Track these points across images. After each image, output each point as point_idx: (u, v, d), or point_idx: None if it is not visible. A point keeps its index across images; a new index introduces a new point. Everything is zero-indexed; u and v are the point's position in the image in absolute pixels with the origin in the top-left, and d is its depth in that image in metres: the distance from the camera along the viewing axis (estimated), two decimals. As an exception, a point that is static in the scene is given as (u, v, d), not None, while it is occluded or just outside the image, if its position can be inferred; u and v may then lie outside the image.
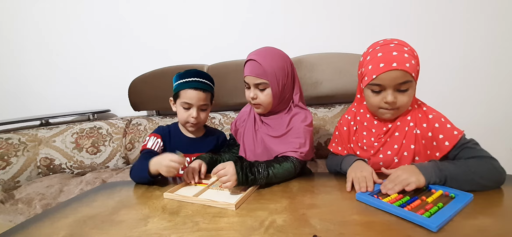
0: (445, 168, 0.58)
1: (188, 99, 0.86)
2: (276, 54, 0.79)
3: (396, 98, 0.65)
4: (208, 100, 0.90)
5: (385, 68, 0.62)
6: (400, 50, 0.63)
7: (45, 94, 1.78)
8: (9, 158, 1.29)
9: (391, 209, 0.51)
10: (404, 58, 0.62)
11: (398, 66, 0.61)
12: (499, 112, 1.46)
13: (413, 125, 0.69)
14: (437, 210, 0.48)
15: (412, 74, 0.62)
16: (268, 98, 0.78)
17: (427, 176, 0.58)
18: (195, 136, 0.95)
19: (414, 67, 0.63)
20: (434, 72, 1.45)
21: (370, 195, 0.58)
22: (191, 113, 0.87)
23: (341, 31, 1.52)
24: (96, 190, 0.81)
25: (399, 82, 0.63)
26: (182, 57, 1.64)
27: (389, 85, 0.65)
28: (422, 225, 0.45)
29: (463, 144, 0.63)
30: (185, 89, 0.86)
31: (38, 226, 0.58)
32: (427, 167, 0.59)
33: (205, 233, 0.50)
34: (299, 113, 0.81)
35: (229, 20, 1.60)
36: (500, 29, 1.41)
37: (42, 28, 1.72)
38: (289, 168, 0.73)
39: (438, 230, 0.44)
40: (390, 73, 0.62)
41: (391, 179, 0.60)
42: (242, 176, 0.65)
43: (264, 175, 0.68)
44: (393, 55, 0.63)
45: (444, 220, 0.45)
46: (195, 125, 0.90)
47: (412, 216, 0.47)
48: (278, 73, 0.77)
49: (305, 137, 0.78)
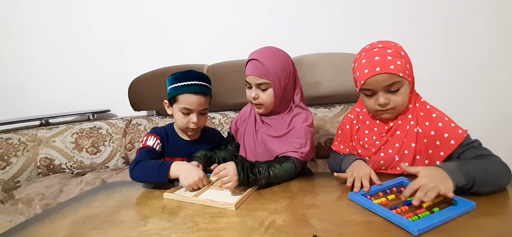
0: (472, 170, 0.54)
1: (188, 104, 0.81)
2: (279, 54, 0.79)
3: (388, 99, 0.66)
4: (208, 103, 0.87)
5: (369, 73, 0.64)
6: (382, 53, 0.64)
7: (45, 94, 1.78)
8: (9, 158, 1.29)
9: (379, 211, 0.51)
10: (386, 61, 0.63)
11: (381, 70, 0.63)
12: (499, 112, 1.45)
13: (414, 124, 0.69)
14: (427, 215, 0.47)
15: (399, 74, 0.63)
16: (270, 98, 0.78)
17: (455, 180, 0.52)
18: (192, 139, 0.92)
19: (400, 66, 0.63)
20: (434, 72, 1.45)
21: (363, 196, 0.58)
22: (191, 119, 0.83)
23: (341, 31, 1.52)
24: (96, 190, 0.81)
25: (387, 84, 0.64)
26: (182, 57, 1.64)
27: (378, 88, 0.66)
28: (405, 228, 0.45)
29: (469, 143, 0.63)
30: (184, 94, 0.81)
31: (38, 226, 0.58)
32: (454, 170, 0.54)
33: (205, 233, 0.50)
34: (300, 113, 0.81)
35: (229, 20, 1.60)
36: (499, 28, 1.41)
37: (42, 28, 1.72)
38: (290, 168, 0.73)
39: (436, 231, 0.44)
40: (376, 77, 0.64)
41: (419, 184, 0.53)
42: (243, 176, 0.65)
43: (265, 175, 0.68)
44: (375, 60, 0.64)
45: (428, 226, 0.44)
46: (195, 129, 0.87)
47: (396, 219, 0.47)
48: (280, 73, 0.77)
49: (306, 138, 0.78)
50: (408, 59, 0.67)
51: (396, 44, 0.68)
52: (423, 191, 0.50)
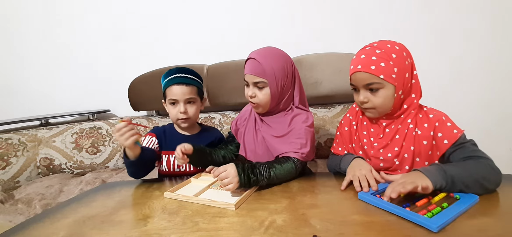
0: (450, 170, 0.56)
1: (173, 95, 0.87)
2: (277, 54, 0.79)
3: (367, 98, 0.68)
4: (195, 93, 0.90)
5: (353, 70, 0.68)
6: (370, 53, 0.66)
7: (45, 94, 1.78)
8: (9, 158, 1.29)
9: (394, 209, 0.51)
10: (370, 60, 0.65)
11: (362, 69, 0.65)
12: (499, 112, 1.46)
13: (413, 127, 0.69)
14: (440, 211, 0.48)
15: (379, 76, 0.64)
16: (266, 97, 0.78)
17: (433, 180, 0.54)
18: (190, 134, 0.95)
19: (384, 69, 0.63)
20: (433, 73, 1.45)
21: (373, 195, 0.58)
22: (179, 109, 0.88)
23: (341, 31, 1.52)
24: (96, 190, 0.81)
25: (366, 83, 0.66)
26: (182, 57, 1.64)
27: (359, 85, 0.69)
28: (423, 225, 0.45)
29: (461, 143, 0.63)
30: (169, 87, 0.87)
31: (38, 226, 0.58)
32: (432, 171, 0.56)
33: (205, 233, 0.50)
34: (301, 113, 0.81)
35: (229, 20, 1.60)
36: (499, 28, 1.41)
37: (42, 28, 1.72)
38: (290, 168, 0.73)
39: (439, 231, 0.44)
40: (357, 74, 0.67)
41: (398, 182, 0.56)
42: (243, 178, 0.64)
43: (266, 176, 0.68)
44: (361, 58, 0.67)
45: (446, 221, 0.45)
46: (186, 120, 0.89)
47: (413, 217, 0.47)
48: (278, 73, 0.77)
49: (307, 138, 0.78)
50: (400, 64, 0.65)
51: (394, 46, 0.66)
52: (401, 185, 0.54)
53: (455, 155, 0.63)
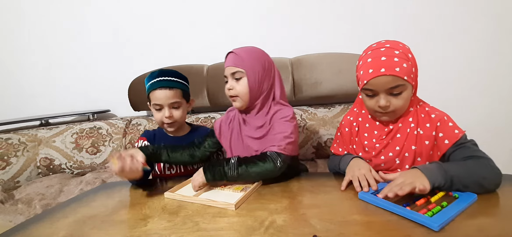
0: (450, 169, 0.56)
1: (156, 100, 0.85)
2: (255, 50, 0.81)
3: (389, 102, 0.64)
4: (179, 96, 0.87)
5: (374, 73, 0.62)
6: (389, 54, 0.62)
7: (45, 94, 1.78)
8: (9, 158, 1.29)
9: (394, 209, 0.51)
10: (393, 62, 0.61)
11: (386, 72, 0.61)
12: (500, 113, 1.45)
13: (415, 126, 0.68)
14: (440, 210, 0.48)
15: (403, 78, 0.61)
16: (244, 88, 0.77)
17: (431, 179, 0.54)
18: (180, 135, 0.94)
19: (406, 70, 0.61)
20: (435, 73, 1.45)
21: (373, 194, 0.58)
22: (163, 114, 0.86)
23: (341, 31, 1.52)
24: (96, 190, 0.81)
25: (390, 86, 0.62)
26: (182, 57, 1.63)
27: (380, 90, 0.64)
28: (424, 224, 0.45)
29: (462, 143, 0.62)
30: (152, 91, 0.85)
31: (38, 226, 0.58)
32: (431, 169, 0.56)
33: (205, 233, 0.50)
34: (281, 109, 0.80)
35: (229, 20, 1.60)
36: (500, 29, 1.41)
37: (42, 28, 1.72)
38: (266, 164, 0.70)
39: (439, 230, 0.44)
40: (380, 78, 0.62)
41: (396, 183, 0.56)
42: (209, 174, 0.69)
43: (234, 165, 0.69)
44: (381, 61, 0.62)
45: (446, 220, 0.45)
46: (171, 124, 0.88)
47: (414, 216, 0.47)
48: (255, 64, 0.77)
49: (287, 130, 0.75)
50: (415, 63, 0.65)
51: (404, 46, 0.65)
52: (399, 186, 0.53)
53: (456, 155, 0.63)
